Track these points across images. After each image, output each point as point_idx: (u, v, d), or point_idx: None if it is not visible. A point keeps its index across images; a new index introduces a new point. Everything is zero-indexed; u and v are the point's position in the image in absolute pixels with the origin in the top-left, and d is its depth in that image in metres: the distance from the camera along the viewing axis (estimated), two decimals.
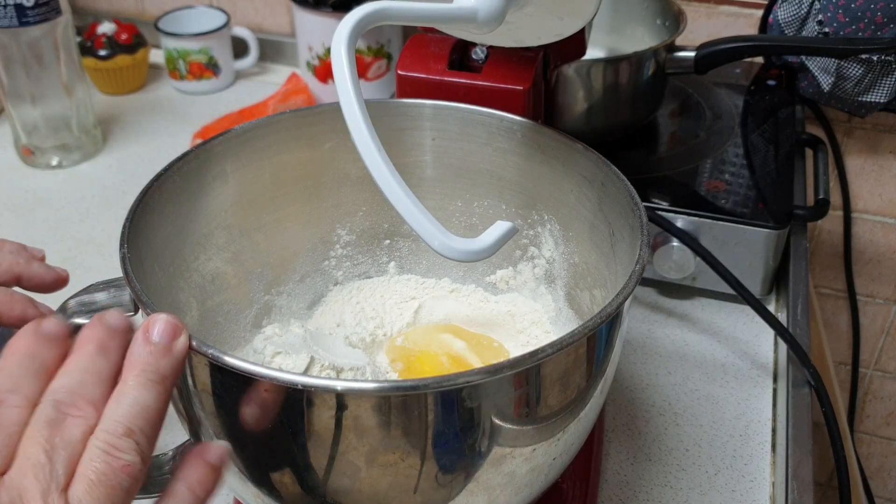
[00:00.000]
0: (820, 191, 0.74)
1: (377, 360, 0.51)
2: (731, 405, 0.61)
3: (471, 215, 0.55)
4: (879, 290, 1.06)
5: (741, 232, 0.67)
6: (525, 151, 0.51)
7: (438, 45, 0.54)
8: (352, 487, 0.36)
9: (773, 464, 0.57)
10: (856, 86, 0.83)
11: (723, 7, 0.93)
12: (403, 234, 0.57)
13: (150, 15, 1.11)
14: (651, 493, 0.54)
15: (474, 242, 0.35)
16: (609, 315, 0.36)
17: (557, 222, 0.51)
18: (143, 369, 0.31)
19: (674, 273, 0.68)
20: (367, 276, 0.58)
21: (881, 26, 0.78)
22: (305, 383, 0.32)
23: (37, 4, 0.77)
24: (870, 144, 0.97)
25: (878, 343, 1.11)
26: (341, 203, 0.55)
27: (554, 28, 0.48)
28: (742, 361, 0.65)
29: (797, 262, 0.70)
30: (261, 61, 1.07)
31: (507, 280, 0.56)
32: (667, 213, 0.68)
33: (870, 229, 1.02)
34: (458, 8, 0.38)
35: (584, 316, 0.51)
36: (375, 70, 0.96)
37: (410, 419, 0.34)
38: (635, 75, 0.75)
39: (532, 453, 0.38)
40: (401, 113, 0.52)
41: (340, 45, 0.34)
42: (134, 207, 0.42)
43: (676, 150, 0.79)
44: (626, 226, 0.44)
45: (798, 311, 0.66)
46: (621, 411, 0.61)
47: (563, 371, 0.36)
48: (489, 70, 0.53)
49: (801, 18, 0.84)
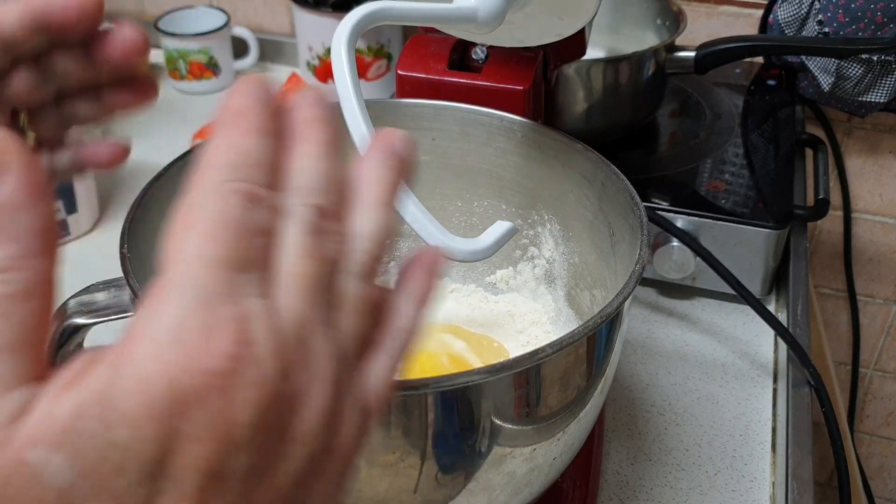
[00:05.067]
0: (820, 191, 0.74)
1: None
2: (731, 405, 0.61)
3: (471, 215, 0.55)
4: (879, 290, 1.06)
5: (741, 232, 0.67)
6: (525, 151, 0.51)
7: (438, 45, 0.54)
8: (352, 487, 0.36)
9: (773, 464, 0.57)
10: (856, 86, 0.83)
11: (723, 7, 0.93)
12: (403, 234, 0.57)
13: (150, 15, 1.11)
14: (651, 493, 0.54)
15: (474, 242, 0.35)
16: (609, 315, 0.36)
17: (557, 222, 0.51)
18: (391, 186, 0.25)
19: (674, 273, 0.68)
20: None
21: (881, 26, 0.78)
22: None
23: None
24: (870, 144, 0.97)
25: (878, 343, 1.11)
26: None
27: (554, 28, 0.48)
28: (742, 361, 0.65)
29: (797, 262, 0.70)
30: (261, 61, 1.07)
31: (507, 280, 0.56)
32: (667, 213, 0.68)
33: (870, 229, 1.02)
34: (458, 8, 0.38)
35: (584, 316, 0.51)
36: (375, 70, 0.96)
37: (410, 419, 0.34)
38: (635, 75, 0.75)
39: (532, 453, 0.38)
40: (401, 113, 0.52)
41: (340, 45, 0.34)
42: (134, 207, 0.42)
43: (676, 150, 0.79)
44: (626, 226, 0.44)
45: (798, 311, 0.66)
46: (621, 411, 0.61)
47: (563, 371, 0.36)
48: (489, 70, 0.53)
49: (801, 18, 0.84)
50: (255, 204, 0.22)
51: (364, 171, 0.25)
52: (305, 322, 0.22)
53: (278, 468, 0.21)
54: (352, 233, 0.24)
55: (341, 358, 0.23)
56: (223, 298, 0.21)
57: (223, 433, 0.20)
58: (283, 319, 0.21)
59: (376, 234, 0.24)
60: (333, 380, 0.22)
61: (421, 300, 0.26)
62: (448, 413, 0.34)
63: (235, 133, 0.23)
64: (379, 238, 0.24)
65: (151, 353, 0.20)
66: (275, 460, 0.21)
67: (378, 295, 0.25)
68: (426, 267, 0.26)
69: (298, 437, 0.21)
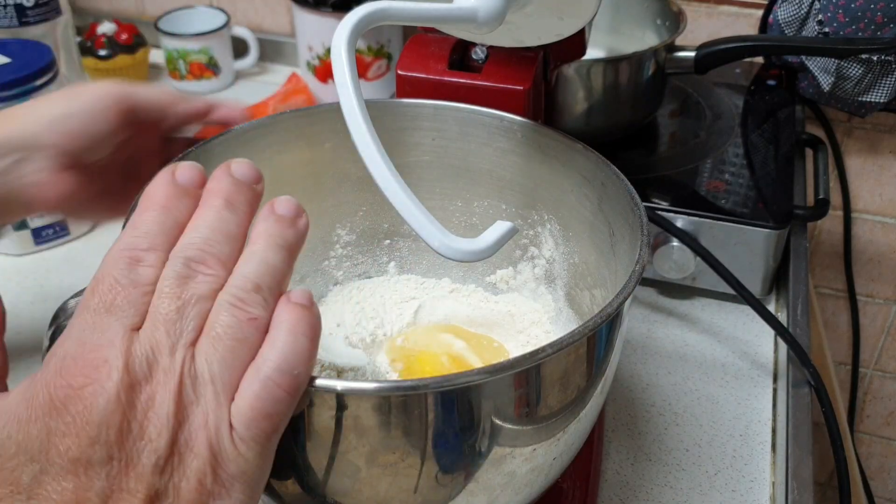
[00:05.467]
0: (820, 191, 0.74)
1: (377, 360, 0.51)
2: (731, 405, 0.61)
3: (471, 215, 0.55)
4: (879, 290, 1.06)
5: (741, 232, 0.67)
6: (525, 151, 0.51)
7: (438, 45, 0.54)
8: (352, 487, 0.36)
9: (773, 464, 0.57)
10: (856, 86, 0.83)
11: (723, 7, 0.94)
12: (403, 234, 0.57)
13: (150, 15, 1.11)
14: (651, 493, 0.55)
15: (474, 242, 0.35)
16: (609, 315, 0.36)
17: (557, 222, 0.51)
18: (270, 234, 0.32)
19: (674, 273, 0.68)
20: (367, 276, 0.58)
21: (881, 26, 0.78)
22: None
23: (37, 4, 0.77)
24: (870, 144, 0.97)
25: (878, 343, 1.11)
26: (341, 203, 0.55)
27: (554, 28, 0.48)
28: (742, 361, 0.65)
29: (797, 262, 0.70)
30: (261, 61, 1.07)
31: (507, 280, 0.56)
32: (667, 213, 0.68)
33: (870, 229, 1.02)
34: (458, 8, 0.38)
35: (584, 316, 0.51)
36: (375, 70, 0.96)
37: (410, 419, 0.34)
38: (635, 75, 0.75)
39: (532, 453, 0.38)
40: (401, 113, 0.52)
41: (340, 45, 0.34)
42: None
43: (676, 150, 0.79)
44: (626, 226, 0.44)
45: (798, 311, 0.66)
46: (621, 411, 0.61)
47: (563, 371, 0.36)
48: (489, 70, 0.53)
49: (801, 18, 0.84)
50: (134, 264, 0.30)
51: (255, 228, 0.32)
52: (157, 346, 0.28)
53: (139, 460, 0.28)
54: (235, 273, 0.30)
55: (192, 374, 0.29)
56: (90, 334, 0.29)
57: (80, 429, 0.27)
58: (139, 345, 0.28)
59: (253, 274, 0.30)
60: (177, 391, 0.28)
61: (292, 329, 0.30)
62: (448, 413, 0.34)
63: (136, 213, 0.32)
64: (256, 277, 0.30)
65: (42, 377, 0.28)
66: (132, 453, 0.28)
67: (266, 321, 0.30)
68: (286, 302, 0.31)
69: (146, 435, 0.28)
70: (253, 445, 0.29)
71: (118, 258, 0.30)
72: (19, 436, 0.28)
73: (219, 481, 0.29)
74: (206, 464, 0.28)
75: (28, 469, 0.27)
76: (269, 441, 0.30)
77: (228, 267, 0.31)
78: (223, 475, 0.29)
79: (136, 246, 0.30)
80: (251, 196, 0.33)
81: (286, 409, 0.30)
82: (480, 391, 0.34)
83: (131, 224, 0.32)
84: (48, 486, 0.27)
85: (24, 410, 0.28)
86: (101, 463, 0.27)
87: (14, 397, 0.29)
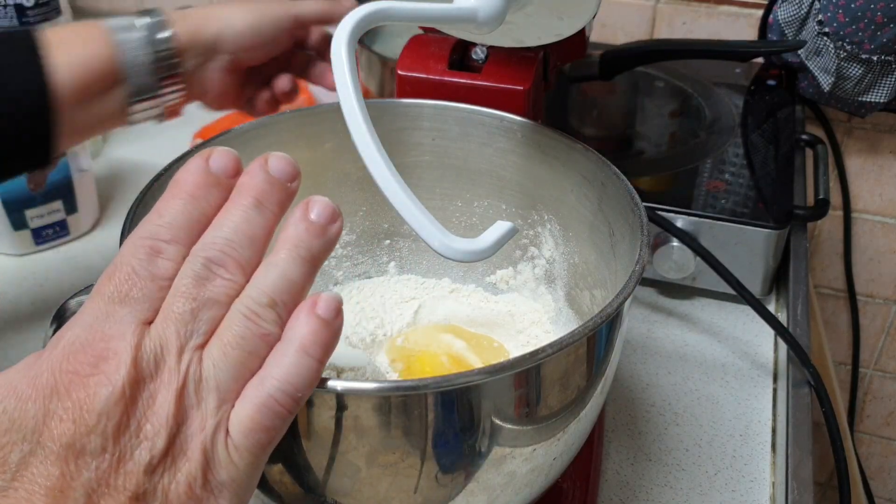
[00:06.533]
0: (820, 191, 0.74)
1: (377, 360, 0.51)
2: (731, 405, 0.61)
3: (471, 215, 0.55)
4: (879, 290, 1.06)
5: (741, 232, 0.67)
6: (525, 151, 0.51)
7: (438, 45, 0.54)
8: (352, 487, 0.36)
9: (773, 464, 0.57)
10: (856, 86, 0.83)
11: (723, 7, 0.93)
12: (403, 234, 0.57)
13: None
14: (651, 493, 0.54)
15: (474, 242, 0.35)
16: (609, 315, 0.36)
17: (557, 222, 0.51)
18: (295, 244, 0.31)
19: (674, 273, 0.68)
20: (367, 276, 0.58)
21: (881, 26, 0.78)
22: None
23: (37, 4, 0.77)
24: (870, 144, 0.97)
25: (878, 343, 1.11)
26: (341, 203, 0.54)
27: (554, 28, 0.48)
28: (742, 361, 0.65)
29: (797, 262, 0.70)
30: None
31: (507, 280, 0.56)
32: (667, 213, 0.68)
33: (870, 229, 1.02)
34: (458, 8, 0.38)
35: (584, 316, 0.51)
36: None
37: (410, 419, 0.34)
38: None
39: (532, 453, 0.38)
40: (401, 113, 0.52)
41: (340, 45, 0.34)
42: (134, 207, 0.42)
43: (676, 150, 0.79)
44: (626, 226, 0.44)
45: (798, 311, 0.66)
46: (621, 411, 0.61)
47: (563, 371, 0.36)
48: (489, 70, 0.53)
49: (801, 18, 0.84)
50: (154, 255, 0.29)
51: (284, 231, 0.31)
52: (166, 345, 0.28)
53: (131, 457, 0.27)
54: (253, 283, 0.30)
55: (197, 378, 0.28)
56: (102, 323, 0.28)
57: (79, 416, 0.27)
58: (149, 341, 0.28)
59: (270, 288, 0.30)
60: (179, 393, 0.28)
61: (302, 348, 0.29)
62: (448, 413, 0.34)
63: (163, 199, 0.31)
64: (273, 291, 0.30)
65: (48, 358, 0.28)
66: (126, 449, 0.27)
67: (277, 336, 0.30)
68: (309, 311, 0.30)
69: (143, 433, 0.27)
70: (246, 455, 0.29)
71: (139, 246, 0.30)
72: (16, 412, 0.27)
73: (208, 487, 0.28)
74: (198, 468, 0.28)
75: (18, 448, 0.27)
76: (263, 452, 0.30)
77: (248, 272, 0.30)
78: (213, 481, 0.29)
79: (158, 236, 0.30)
80: (283, 196, 0.32)
81: (284, 424, 0.30)
82: (480, 391, 0.34)
83: (156, 210, 0.31)
84: (35, 468, 0.27)
85: (26, 387, 0.28)
86: (94, 454, 0.27)
87: (17, 372, 0.28)
